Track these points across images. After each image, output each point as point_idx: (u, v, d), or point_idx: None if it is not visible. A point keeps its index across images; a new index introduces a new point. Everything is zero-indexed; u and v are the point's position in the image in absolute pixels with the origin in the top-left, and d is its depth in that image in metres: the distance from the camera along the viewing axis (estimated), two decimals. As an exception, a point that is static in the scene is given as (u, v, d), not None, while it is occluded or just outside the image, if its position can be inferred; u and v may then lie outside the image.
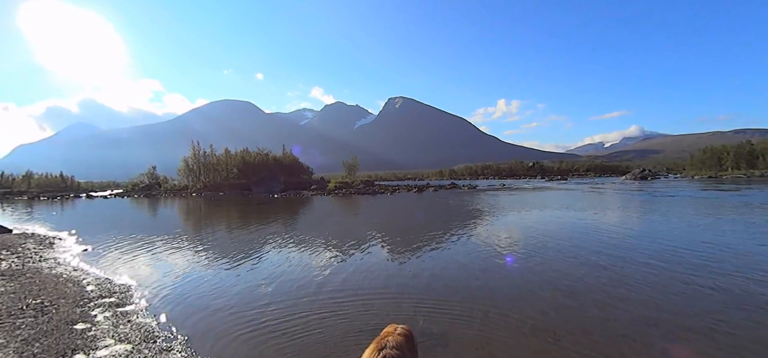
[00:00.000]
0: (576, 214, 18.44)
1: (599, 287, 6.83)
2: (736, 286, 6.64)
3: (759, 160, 74.88)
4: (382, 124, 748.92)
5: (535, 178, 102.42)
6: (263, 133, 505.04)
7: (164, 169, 79.27)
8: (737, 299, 6.02)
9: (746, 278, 7.08)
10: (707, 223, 14.35)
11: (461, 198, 32.34)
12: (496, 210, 21.77)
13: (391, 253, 10.51)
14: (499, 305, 6.02)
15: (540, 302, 6.08)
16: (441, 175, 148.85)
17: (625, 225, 14.47)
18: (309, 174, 68.09)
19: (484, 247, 10.86)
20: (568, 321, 5.27)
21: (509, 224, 15.90)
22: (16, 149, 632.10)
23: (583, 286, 6.91)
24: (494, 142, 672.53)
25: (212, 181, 60.10)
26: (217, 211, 27.65)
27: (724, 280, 7.02)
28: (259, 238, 13.74)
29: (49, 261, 10.07)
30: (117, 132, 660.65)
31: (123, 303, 6.48)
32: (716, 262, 8.37)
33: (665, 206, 21.24)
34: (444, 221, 17.53)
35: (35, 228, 18.10)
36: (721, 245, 10.20)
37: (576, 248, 10.37)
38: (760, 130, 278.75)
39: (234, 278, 8.20)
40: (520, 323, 5.25)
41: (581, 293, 6.53)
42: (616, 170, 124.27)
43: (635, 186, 44.50)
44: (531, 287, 6.96)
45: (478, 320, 5.42)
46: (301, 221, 20.13)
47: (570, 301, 6.13)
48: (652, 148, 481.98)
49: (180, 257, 10.56)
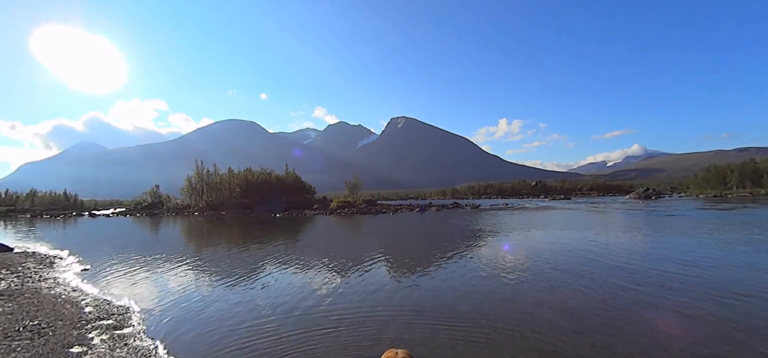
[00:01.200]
0: (582, 235, 18.22)
1: (610, 313, 6.68)
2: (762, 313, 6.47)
3: (764, 179, 74.32)
4: (384, 144, 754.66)
5: (538, 197, 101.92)
6: (267, 152, 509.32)
7: (168, 188, 79.68)
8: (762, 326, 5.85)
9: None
10: (723, 242, 14.12)
11: (464, 218, 32.13)
12: (500, 230, 21.56)
13: (392, 274, 10.38)
14: (503, 328, 5.88)
15: (547, 327, 5.93)
16: (443, 195, 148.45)
17: (638, 247, 14.24)
18: (311, 193, 68.07)
19: (488, 269, 10.70)
20: (576, 347, 5.13)
21: (514, 245, 15.72)
22: (21, 167, 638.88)
23: (593, 312, 6.76)
24: (496, 161, 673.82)
25: (215, 200, 60.21)
26: (219, 230, 27.57)
27: (751, 305, 6.84)
28: (259, 258, 13.63)
29: (48, 281, 10.01)
30: (122, 151, 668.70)
31: (121, 325, 6.39)
32: (737, 285, 8.19)
33: (678, 226, 20.96)
34: (446, 242, 17.36)
35: (36, 247, 18.07)
36: (743, 266, 9.98)
37: (585, 272, 10.19)
38: (763, 149, 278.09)
39: (233, 300, 8.09)
40: (525, 347, 5.11)
41: (590, 317, 6.38)
42: (619, 189, 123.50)
43: (640, 206, 44.08)
44: (537, 311, 6.81)
45: (482, 343, 5.28)
46: (302, 241, 20.01)
47: (579, 326, 5.98)
48: (655, 167, 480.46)
49: (179, 278, 10.47)
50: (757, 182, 75.11)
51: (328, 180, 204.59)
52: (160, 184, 76.52)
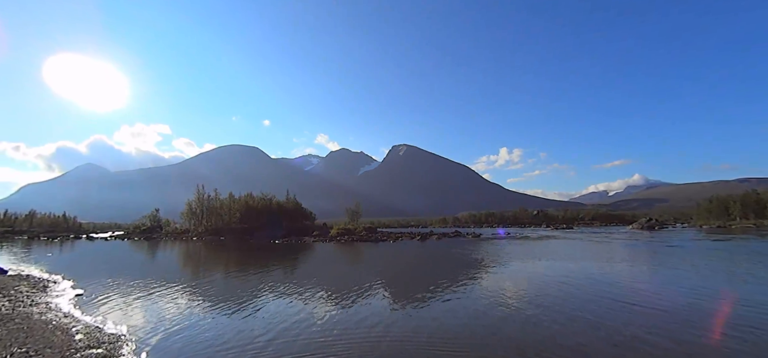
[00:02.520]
0: (587, 267, 17.87)
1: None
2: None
3: (767, 210, 73.89)
4: (386, 171, 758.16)
5: (539, 226, 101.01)
6: (269, 178, 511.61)
7: (169, 213, 79.45)
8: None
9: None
10: (750, 277, 13.81)
11: (465, 247, 31.72)
12: (502, 261, 21.21)
13: (392, 305, 10.13)
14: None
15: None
16: (444, 223, 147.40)
17: (650, 283, 13.95)
18: (312, 220, 67.75)
19: (491, 303, 10.44)
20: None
21: (516, 277, 15.42)
22: (23, 188, 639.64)
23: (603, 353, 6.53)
24: (497, 190, 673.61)
25: (214, 225, 59.85)
26: (217, 256, 27.23)
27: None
28: (256, 286, 13.37)
29: (40, 306, 9.78)
30: (124, 174, 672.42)
31: (110, 355, 6.18)
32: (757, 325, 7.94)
33: (693, 260, 20.60)
34: (447, 272, 17.06)
35: (31, 270, 17.81)
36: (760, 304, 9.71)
37: (592, 310, 9.95)
38: (764, 180, 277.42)
39: (229, 328, 7.86)
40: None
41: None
42: (622, 219, 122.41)
43: (645, 236, 43.46)
44: (542, 347, 6.58)
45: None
46: (300, 269, 19.71)
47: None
48: (657, 197, 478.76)
49: (174, 304, 10.22)
50: (760, 213, 74.65)
51: (329, 206, 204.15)
52: (161, 208, 76.41)
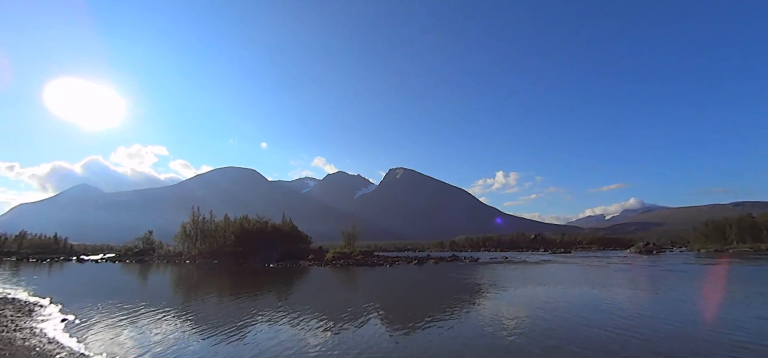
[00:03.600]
0: (593, 294, 17.66)
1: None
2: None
3: (764, 234, 74.17)
4: (382, 194, 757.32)
5: (537, 250, 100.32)
6: (266, 200, 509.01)
7: (164, 235, 78.10)
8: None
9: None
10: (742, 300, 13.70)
11: (462, 271, 31.36)
12: (501, 286, 20.96)
13: (387, 332, 9.93)
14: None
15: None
16: (441, 247, 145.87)
17: (664, 313, 13.79)
18: (308, 243, 66.92)
19: (491, 330, 10.26)
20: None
21: (515, 304, 15.21)
22: (15, 208, 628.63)
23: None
24: (495, 213, 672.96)
25: (208, 248, 58.94)
26: (209, 280, 26.70)
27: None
28: (249, 311, 13.08)
29: (24, 331, 9.47)
30: (119, 195, 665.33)
31: (94, 383, 5.94)
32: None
33: (698, 284, 20.45)
34: (445, 298, 16.81)
35: (17, 293, 17.33)
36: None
37: (598, 339, 9.80)
38: (759, 203, 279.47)
39: (219, 356, 7.62)
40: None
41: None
42: (619, 243, 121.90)
43: (644, 261, 43.16)
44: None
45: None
46: (294, 294, 19.36)
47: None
48: (654, 221, 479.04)
49: (163, 331, 9.94)
50: (757, 237, 74.92)
51: (325, 229, 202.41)
52: (156, 230, 75.25)
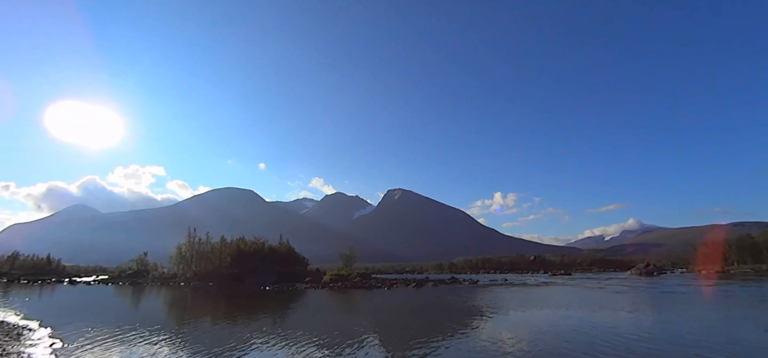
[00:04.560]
0: (593, 316, 17.40)
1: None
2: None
3: (764, 254, 73.86)
4: (381, 216, 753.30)
5: (537, 272, 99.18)
6: (263, 221, 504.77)
7: (159, 256, 76.89)
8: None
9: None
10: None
11: (462, 295, 30.89)
12: (501, 309, 20.62)
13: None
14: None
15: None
16: (440, 269, 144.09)
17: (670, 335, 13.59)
18: (304, 265, 66.08)
19: (493, 356, 10.06)
20: None
21: (516, 327, 14.96)
22: (9, 228, 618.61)
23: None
24: (493, 235, 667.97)
25: (203, 270, 58.00)
26: (203, 305, 26.20)
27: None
28: (243, 337, 12.81)
29: (11, 356, 9.22)
30: (115, 216, 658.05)
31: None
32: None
33: (706, 308, 20.17)
34: (444, 322, 16.52)
35: (6, 316, 16.93)
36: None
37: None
38: (757, 224, 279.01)
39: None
40: None
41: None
42: (619, 265, 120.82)
43: (645, 282, 42.61)
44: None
45: None
46: (290, 318, 19.02)
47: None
48: (653, 242, 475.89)
49: (155, 357, 9.68)
50: (757, 257, 74.61)
51: (323, 251, 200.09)
52: (151, 251, 74.23)
